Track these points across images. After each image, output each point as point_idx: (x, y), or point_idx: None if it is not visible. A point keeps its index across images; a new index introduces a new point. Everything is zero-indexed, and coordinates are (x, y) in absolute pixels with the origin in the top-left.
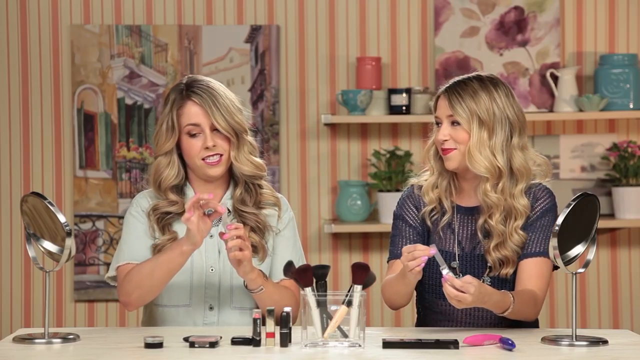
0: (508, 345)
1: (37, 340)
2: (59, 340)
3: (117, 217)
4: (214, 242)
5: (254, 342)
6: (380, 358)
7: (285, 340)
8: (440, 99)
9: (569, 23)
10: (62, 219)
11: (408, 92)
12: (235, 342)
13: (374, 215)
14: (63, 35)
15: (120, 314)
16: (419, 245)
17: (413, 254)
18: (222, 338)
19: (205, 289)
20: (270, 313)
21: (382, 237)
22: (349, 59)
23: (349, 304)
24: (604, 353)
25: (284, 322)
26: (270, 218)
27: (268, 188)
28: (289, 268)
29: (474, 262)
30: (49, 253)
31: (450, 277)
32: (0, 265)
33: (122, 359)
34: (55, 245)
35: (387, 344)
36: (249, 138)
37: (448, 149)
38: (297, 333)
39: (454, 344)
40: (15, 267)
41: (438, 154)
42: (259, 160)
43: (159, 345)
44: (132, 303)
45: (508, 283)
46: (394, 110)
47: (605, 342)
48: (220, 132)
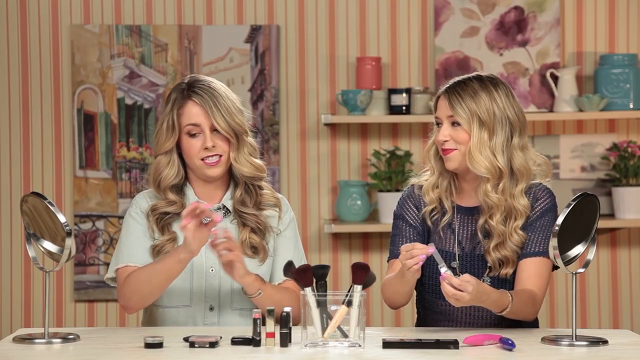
0: (508, 345)
1: (37, 340)
2: (59, 340)
3: (117, 217)
4: None
5: (254, 342)
6: (380, 358)
7: (285, 340)
8: (441, 100)
9: (569, 23)
10: (62, 219)
11: (408, 92)
12: (235, 342)
13: (374, 215)
14: (63, 35)
15: (120, 314)
16: (418, 244)
17: (411, 253)
18: (222, 338)
19: (206, 290)
20: (270, 313)
21: (382, 237)
22: (349, 59)
23: (349, 304)
24: (604, 353)
25: (284, 322)
26: (271, 219)
27: (268, 189)
28: (289, 268)
29: (474, 262)
30: (49, 253)
31: (449, 275)
32: (0, 265)
33: (122, 359)
34: (55, 245)
35: (387, 344)
36: (250, 139)
37: (448, 150)
38: (297, 333)
39: (454, 344)
40: (15, 267)
41: (438, 154)
42: (259, 162)
43: (159, 345)
44: (131, 307)
45: (508, 283)
46: (394, 110)
47: (605, 342)
48: (220, 132)
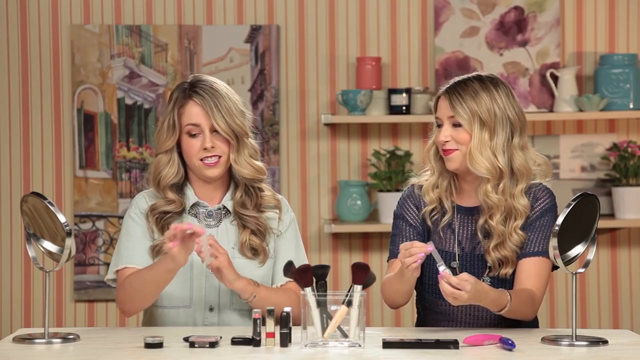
0: (508, 345)
1: (37, 340)
2: (59, 340)
3: (117, 217)
4: None
5: (254, 342)
6: (380, 358)
7: (285, 340)
8: (441, 100)
9: (569, 23)
10: (62, 219)
11: (408, 92)
12: (235, 342)
13: (374, 215)
14: (63, 35)
15: (121, 314)
16: (417, 242)
17: (410, 251)
18: (222, 338)
19: (205, 290)
20: (270, 313)
21: (382, 237)
22: (349, 59)
23: (349, 304)
24: (604, 353)
25: (284, 322)
26: (272, 221)
27: (269, 190)
28: (289, 268)
29: (474, 262)
30: (49, 253)
31: (447, 274)
32: (0, 265)
33: (122, 359)
34: (55, 245)
35: (387, 344)
36: (251, 141)
37: (449, 150)
38: (297, 333)
39: (454, 344)
40: (15, 267)
41: (438, 154)
42: (260, 164)
43: (159, 345)
44: (127, 311)
45: (508, 283)
46: (394, 110)
47: (605, 342)
48: (220, 133)
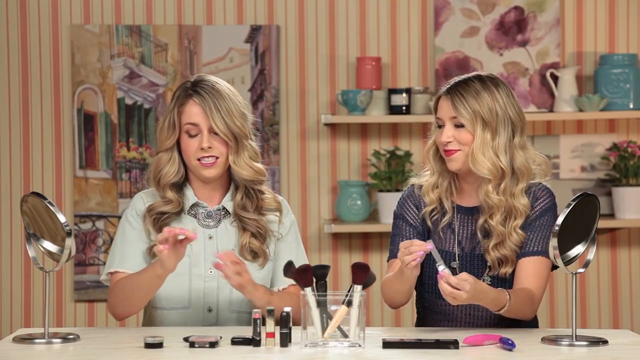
0: (508, 345)
1: (37, 340)
2: (59, 340)
3: (117, 217)
4: (213, 243)
5: (254, 342)
6: (380, 358)
7: (285, 340)
8: (442, 100)
9: (569, 23)
10: (62, 219)
11: (408, 92)
12: (235, 342)
13: (374, 215)
14: (63, 35)
15: None
16: (416, 241)
17: (409, 249)
18: (222, 338)
19: (204, 291)
20: (270, 313)
21: (382, 237)
22: (349, 59)
23: (349, 304)
24: (604, 353)
25: (284, 322)
26: (272, 224)
27: (269, 193)
28: (289, 268)
29: (474, 262)
30: (49, 253)
31: (446, 273)
32: (0, 265)
33: (122, 359)
34: (55, 245)
35: (387, 344)
36: (252, 143)
37: (452, 151)
38: (297, 333)
39: (454, 344)
40: (15, 267)
41: (437, 155)
42: (260, 166)
43: (159, 345)
44: (117, 315)
45: (508, 283)
46: (394, 110)
47: (605, 342)
48: (219, 134)
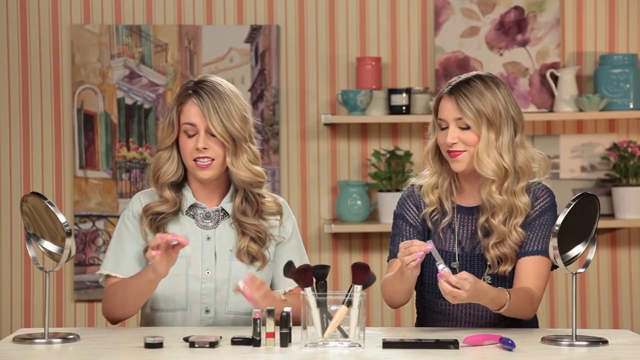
0: (508, 345)
1: (37, 340)
2: (59, 340)
3: (117, 217)
4: (211, 244)
5: (254, 342)
6: (380, 358)
7: (285, 340)
8: (445, 101)
9: (569, 23)
10: (62, 219)
11: (408, 92)
12: (235, 342)
13: (374, 215)
14: (63, 35)
15: None
16: (416, 241)
17: (409, 250)
18: (222, 338)
19: (201, 292)
20: (270, 313)
21: (382, 237)
22: (349, 59)
23: (349, 304)
24: (604, 353)
25: (284, 322)
26: (273, 228)
27: (270, 196)
28: (289, 268)
29: (474, 261)
30: (49, 253)
31: (446, 273)
32: (0, 265)
33: (122, 359)
34: (55, 245)
35: (387, 344)
36: (252, 147)
37: (457, 152)
38: (297, 333)
39: (454, 344)
40: (15, 267)
41: (437, 155)
42: (259, 169)
43: (159, 345)
44: (112, 320)
45: (508, 281)
46: (394, 110)
47: (605, 342)
48: (215, 136)
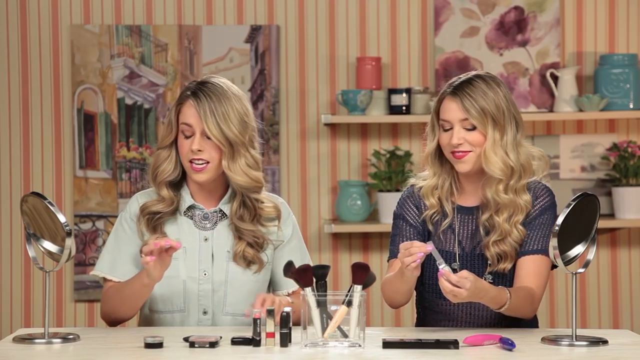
0: (508, 345)
1: (37, 340)
2: (59, 340)
3: (117, 217)
4: (209, 245)
5: (254, 342)
6: (380, 358)
7: (285, 340)
8: (449, 102)
9: (569, 23)
10: (62, 219)
11: (408, 92)
12: (235, 342)
13: (374, 215)
14: (63, 35)
15: None
16: (416, 242)
17: (410, 251)
18: (222, 338)
19: (199, 294)
20: (270, 313)
21: (382, 237)
22: (349, 59)
23: (349, 304)
24: (604, 353)
25: (284, 322)
26: (271, 234)
27: (269, 201)
28: (289, 268)
29: (474, 261)
30: (49, 253)
31: (447, 272)
32: (0, 265)
33: (122, 359)
34: (55, 245)
35: (387, 344)
36: (251, 152)
37: (463, 153)
38: (297, 333)
39: (454, 344)
40: (15, 267)
41: (437, 156)
42: (257, 174)
43: (159, 345)
44: (110, 323)
45: (508, 280)
46: (394, 110)
47: (605, 342)
48: (211, 139)
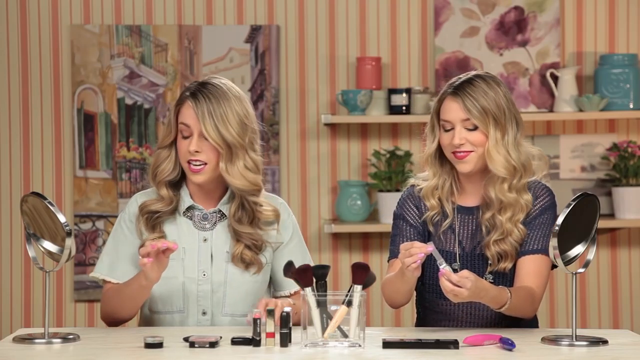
0: (508, 345)
1: (37, 340)
2: (59, 340)
3: (117, 217)
4: (208, 246)
5: (254, 342)
6: (380, 358)
7: (285, 340)
8: (449, 102)
9: (569, 23)
10: (62, 219)
11: (408, 92)
12: (235, 342)
13: (374, 215)
14: (63, 35)
15: None
16: (417, 243)
17: (410, 251)
18: (222, 338)
19: (198, 294)
20: (270, 313)
21: (382, 237)
22: (349, 59)
23: (349, 304)
24: (604, 353)
25: (284, 322)
26: (270, 237)
27: (268, 205)
28: (289, 268)
29: (475, 261)
30: (49, 253)
31: (447, 271)
32: (0, 265)
33: (122, 359)
34: (55, 245)
35: (387, 344)
36: (252, 155)
37: (464, 153)
38: (297, 333)
39: (454, 344)
40: (15, 267)
41: (437, 157)
42: (255, 177)
43: (159, 345)
44: (109, 324)
45: (508, 279)
46: (394, 110)
47: (605, 342)
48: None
